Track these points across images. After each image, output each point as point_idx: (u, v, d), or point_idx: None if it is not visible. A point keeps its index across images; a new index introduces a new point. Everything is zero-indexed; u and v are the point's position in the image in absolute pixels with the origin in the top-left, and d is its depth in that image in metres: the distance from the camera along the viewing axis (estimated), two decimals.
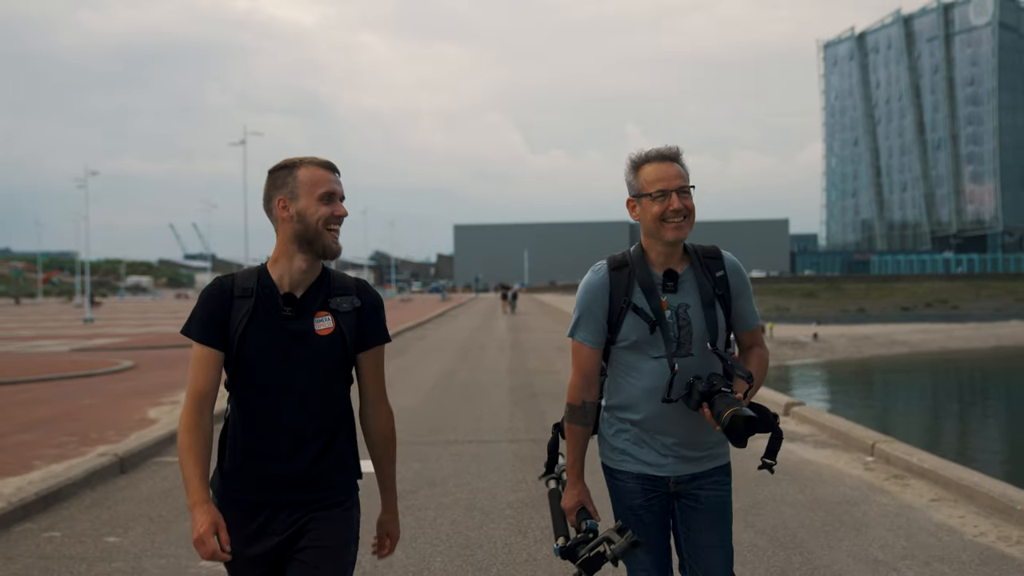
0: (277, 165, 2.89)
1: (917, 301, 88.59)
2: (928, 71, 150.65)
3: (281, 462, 2.80)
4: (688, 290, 3.07)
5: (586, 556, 2.95)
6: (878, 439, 9.06)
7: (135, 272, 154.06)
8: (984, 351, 46.06)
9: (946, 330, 55.37)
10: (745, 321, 3.19)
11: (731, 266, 3.16)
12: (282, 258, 2.85)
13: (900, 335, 50.67)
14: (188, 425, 2.77)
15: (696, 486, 3.12)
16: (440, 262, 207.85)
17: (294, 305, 2.81)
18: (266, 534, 2.80)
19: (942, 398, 31.84)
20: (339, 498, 2.87)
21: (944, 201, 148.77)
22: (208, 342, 2.79)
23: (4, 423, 11.52)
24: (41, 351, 25.71)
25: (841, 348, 44.45)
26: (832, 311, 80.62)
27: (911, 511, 6.86)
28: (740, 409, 2.81)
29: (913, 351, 44.93)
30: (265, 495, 2.81)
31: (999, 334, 53.21)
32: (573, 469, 3.16)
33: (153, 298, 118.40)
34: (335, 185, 2.85)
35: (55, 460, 8.92)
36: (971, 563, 5.60)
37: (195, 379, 2.81)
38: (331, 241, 2.83)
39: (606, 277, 3.11)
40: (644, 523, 3.13)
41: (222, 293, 2.84)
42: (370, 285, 3.00)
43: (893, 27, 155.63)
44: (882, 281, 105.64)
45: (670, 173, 3.03)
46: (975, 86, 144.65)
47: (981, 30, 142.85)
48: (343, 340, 2.86)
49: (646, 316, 3.04)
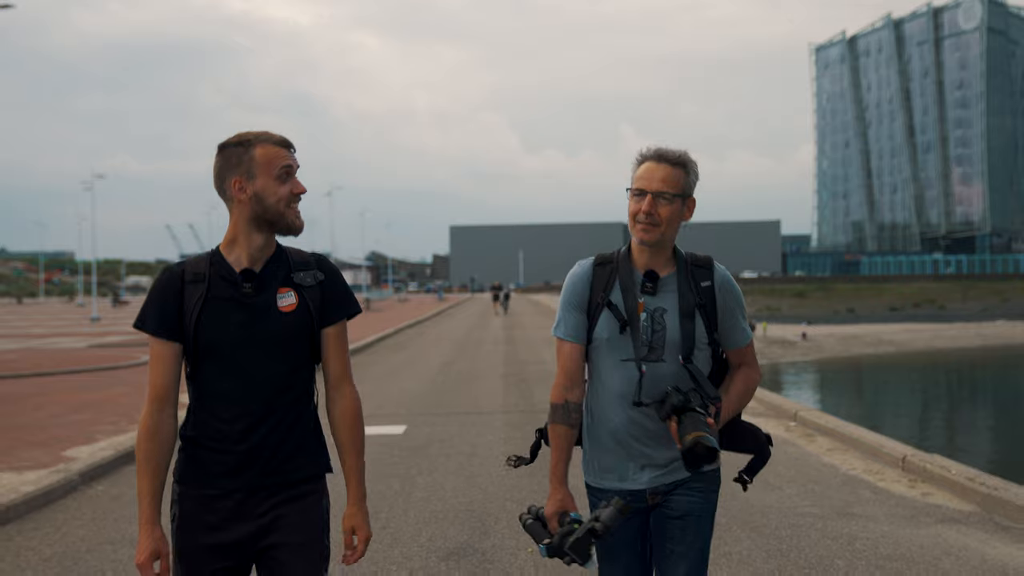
0: (229, 141, 2.76)
1: (905, 301, 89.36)
2: (918, 74, 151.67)
3: (245, 446, 2.68)
4: (668, 295, 3.00)
5: (575, 539, 2.82)
6: (799, 408, 11.40)
7: (134, 272, 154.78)
8: (970, 350, 47.12)
9: (933, 330, 56.40)
10: (733, 338, 3.08)
11: (721, 279, 3.05)
12: (238, 238, 2.75)
13: (887, 334, 51.69)
14: (146, 431, 2.69)
15: (674, 495, 3.03)
16: (436, 262, 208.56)
17: (253, 280, 2.71)
18: (231, 524, 2.69)
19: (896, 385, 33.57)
20: (307, 484, 2.77)
21: (933, 203, 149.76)
22: (163, 335, 2.69)
23: (57, 406, 13.08)
24: (61, 347, 27.07)
25: (829, 347, 45.29)
26: (822, 311, 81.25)
27: (808, 456, 8.98)
28: (705, 437, 2.72)
29: (900, 350, 45.96)
30: (227, 482, 2.69)
31: (984, 333, 54.41)
32: (556, 473, 3.02)
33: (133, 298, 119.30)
34: (291, 161, 2.75)
35: (114, 434, 10.44)
36: (836, 484, 7.70)
37: (153, 376, 2.71)
38: (294, 218, 2.74)
39: (589, 271, 3.08)
40: (621, 542, 3.06)
41: (171, 282, 2.73)
42: (327, 257, 2.92)
43: (883, 31, 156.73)
44: (871, 282, 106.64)
45: (655, 175, 2.96)
46: (964, 89, 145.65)
47: (970, 34, 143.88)
48: (309, 315, 2.76)
49: (619, 315, 2.98)
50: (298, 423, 2.76)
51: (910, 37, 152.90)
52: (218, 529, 2.67)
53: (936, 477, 7.55)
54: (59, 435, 10.40)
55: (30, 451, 9.44)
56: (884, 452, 8.56)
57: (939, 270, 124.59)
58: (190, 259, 2.78)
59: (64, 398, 14.09)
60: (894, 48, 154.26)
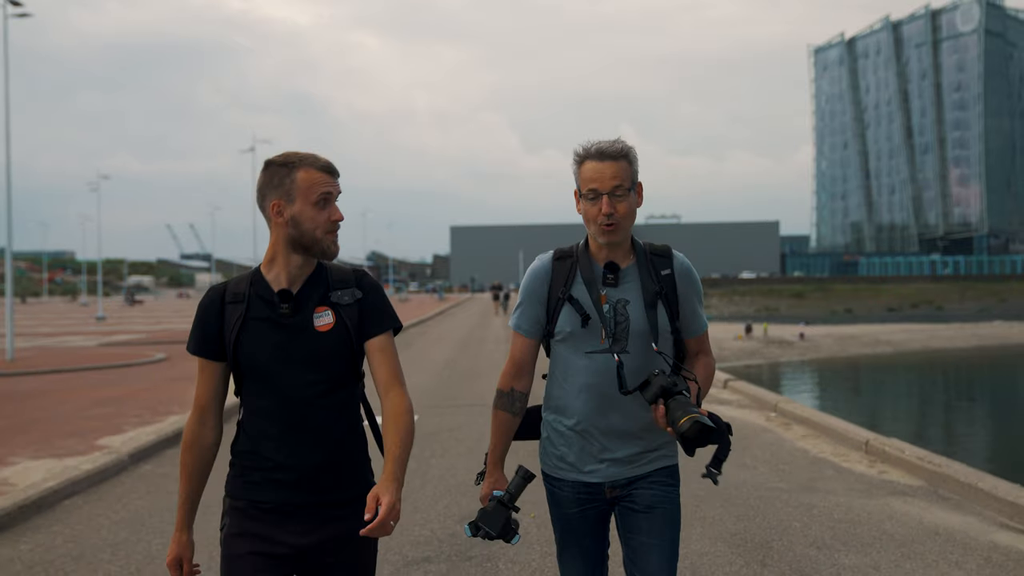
0: (275, 160, 2.78)
1: (903, 302, 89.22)
2: (916, 76, 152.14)
3: (289, 464, 2.74)
4: (629, 286, 3.00)
5: (485, 510, 2.95)
6: (779, 400, 12.17)
7: (136, 272, 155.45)
8: (965, 350, 46.92)
9: (929, 330, 55.86)
10: (692, 327, 3.10)
11: (680, 267, 3.06)
12: (277, 258, 2.78)
13: (884, 335, 51.33)
14: (188, 442, 2.83)
15: (632, 488, 3.04)
16: (436, 262, 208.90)
17: (290, 301, 2.74)
18: (279, 538, 2.74)
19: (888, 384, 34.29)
20: (356, 507, 2.76)
21: (931, 204, 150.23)
22: (204, 354, 2.79)
23: (80, 401, 13.83)
24: (72, 346, 27.77)
25: (826, 347, 45.52)
26: (820, 312, 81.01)
27: (783, 441, 9.85)
28: (700, 417, 2.70)
29: (896, 350, 45.86)
30: (276, 497, 2.74)
31: (980, 334, 53.95)
32: (493, 455, 3.13)
33: (156, 298, 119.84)
34: (332, 188, 2.76)
35: (140, 425, 11.20)
36: (805, 465, 8.61)
37: (197, 390, 2.83)
38: (329, 244, 2.77)
39: (548, 266, 3.09)
40: (577, 532, 3.10)
41: (213, 303, 2.80)
42: (368, 273, 2.94)
43: (882, 33, 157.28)
44: (869, 282, 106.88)
45: (605, 174, 2.92)
46: (962, 91, 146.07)
47: (967, 36, 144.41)
48: (348, 334, 2.79)
49: (580, 308, 2.98)
50: (342, 441, 2.79)
51: (908, 39, 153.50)
52: (265, 540, 2.73)
53: (893, 458, 8.48)
54: (88, 427, 11.16)
55: (64, 441, 10.21)
56: (850, 437, 9.51)
57: (937, 271, 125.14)
58: (233, 279, 2.85)
59: (85, 394, 14.83)
60: (892, 50, 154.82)
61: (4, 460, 9.06)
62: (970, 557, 5.75)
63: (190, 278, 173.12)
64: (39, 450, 9.58)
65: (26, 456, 9.26)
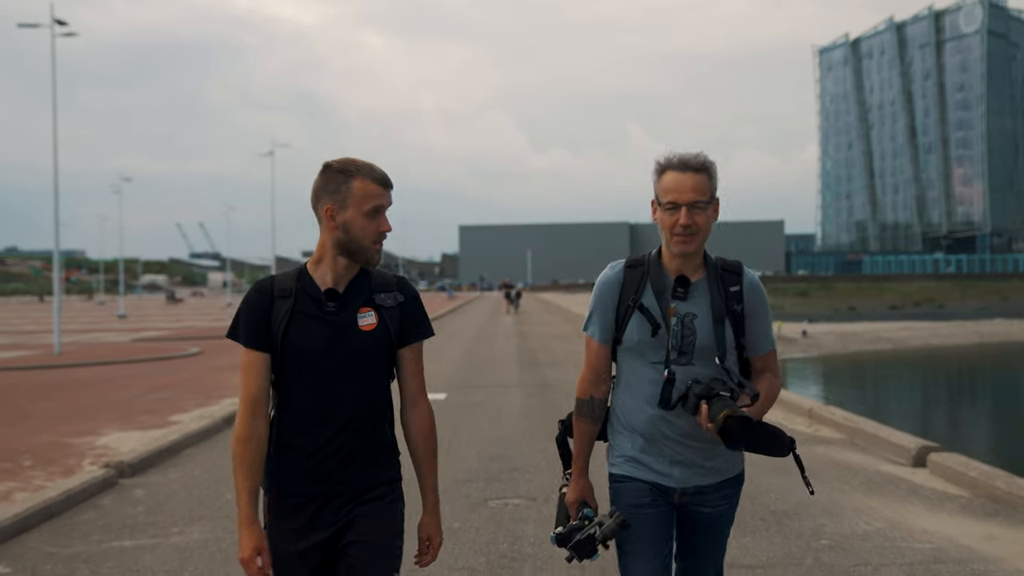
0: (335, 165, 2.88)
1: (906, 300, 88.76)
2: (920, 77, 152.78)
3: (325, 455, 2.85)
4: (698, 300, 3.02)
5: (577, 540, 3.00)
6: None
7: (150, 271, 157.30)
8: (965, 347, 47.76)
9: (931, 328, 56.51)
10: (757, 345, 3.10)
11: (749, 284, 3.08)
12: (325, 258, 2.89)
13: (886, 332, 52.18)
14: (242, 435, 2.84)
15: (700, 501, 3.08)
16: (444, 261, 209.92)
17: (337, 300, 2.86)
18: (314, 528, 2.85)
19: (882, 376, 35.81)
20: (384, 490, 2.92)
21: (935, 203, 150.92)
22: (254, 344, 2.86)
23: (137, 388, 15.45)
24: (108, 341, 29.29)
25: (828, 344, 45.95)
26: (824, 310, 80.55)
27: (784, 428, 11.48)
28: (736, 409, 2.75)
29: (897, 347, 46.73)
30: (311, 488, 2.85)
31: (981, 331, 54.74)
32: (577, 463, 3.15)
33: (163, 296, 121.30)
34: (384, 200, 2.87)
35: (200, 406, 12.81)
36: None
37: (247, 384, 2.87)
38: (374, 253, 2.89)
39: (621, 273, 3.09)
40: (648, 519, 3.07)
41: (262, 297, 2.89)
42: (407, 280, 3.04)
43: (886, 34, 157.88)
44: (873, 281, 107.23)
45: (685, 185, 2.94)
46: (965, 92, 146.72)
47: (971, 37, 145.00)
48: (388, 335, 2.91)
49: (651, 318, 3.00)
50: (375, 435, 2.92)
51: (912, 40, 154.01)
52: (302, 535, 2.84)
53: (827, 420, 10.85)
54: (154, 408, 12.79)
55: (140, 417, 11.86)
56: (797, 405, 11.74)
57: (940, 269, 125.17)
58: (278, 275, 2.96)
59: (139, 382, 16.40)
60: (896, 51, 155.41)
61: (96, 432, 10.71)
62: (857, 479, 8.02)
63: (202, 277, 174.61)
64: (122, 425, 11.20)
65: (114, 429, 10.89)
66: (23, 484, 7.90)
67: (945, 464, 7.84)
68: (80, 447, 9.73)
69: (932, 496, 7.30)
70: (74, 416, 12.08)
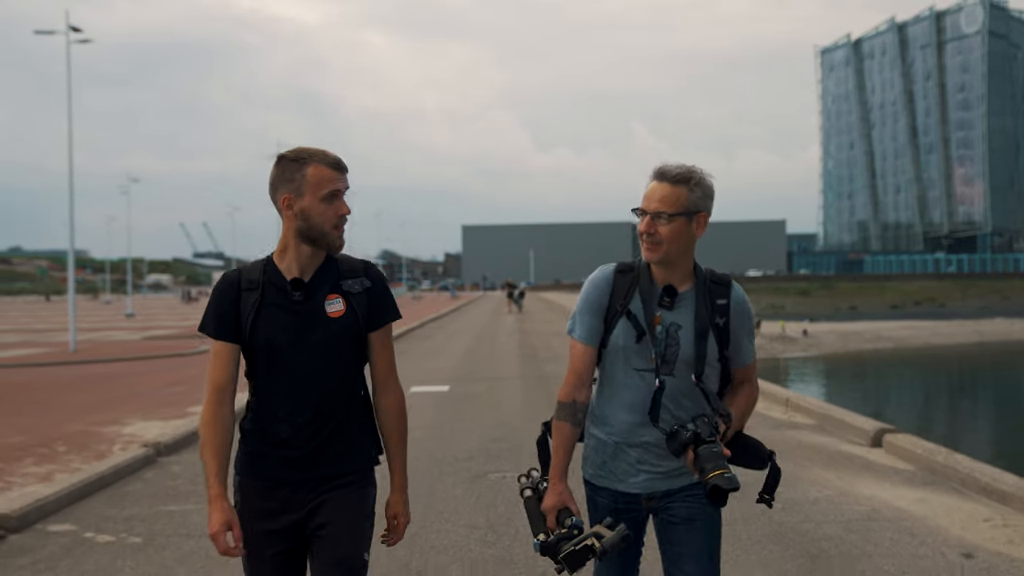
0: (288, 155, 2.90)
1: (907, 299, 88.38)
2: (921, 77, 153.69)
3: (297, 442, 2.89)
4: (684, 311, 3.04)
5: (571, 550, 2.88)
6: None
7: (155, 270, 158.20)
8: (965, 346, 48.39)
9: (931, 327, 56.94)
10: (741, 357, 3.13)
11: (736, 298, 3.10)
12: (288, 248, 2.92)
13: (886, 331, 52.72)
14: (208, 419, 2.90)
15: (669, 501, 3.08)
16: (448, 261, 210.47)
17: (302, 289, 2.89)
18: (285, 511, 2.91)
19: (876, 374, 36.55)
20: (354, 476, 2.96)
21: (936, 203, 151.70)
22: (222, 336, 2.90)
23: (154, 383, 16.20)
24: (119, 339, 30.00)
25: (828, 343, 46.69)
26: (825, 309, 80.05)
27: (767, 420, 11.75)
28: (724, 476, 2.75)
29: (897, 346, 47.36)
30: (283, 473, 2.91)
31: (981, 330, 55.23)
32: (556, 469, 3.08)
33: (175, 296, 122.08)
34: (340, 184, 2.88)
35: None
36: (769, 425, 10.79)
37: (213, 373, 2.92)
38: (335, 238, 2.91)
39: (610, 277, 3.11)
40: None
41: (229, 288, 2.94)
42: (374, 264, 3.07)
43: (888, 34, 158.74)
44: (874, 280, 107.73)
45: (654, 194, 2.98)
46: (966, 92, 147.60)
47: (971, 38, 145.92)
48: (356, 320, 2.94)
49: (637, 324, 3.01)
50: (348, 420, 2.96)
51: (913, 40, 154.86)
52: (274, 516, 2.91)
53: (802, 408, 11.72)
54: (172, 400, 13.54)
55: (160, 409, 12.60)
56: (774, 395, 12.63)
57: (940, 269, 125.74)
58: (245, 266, 3.00)
59: (154, 377, 17.15)
60: (898, 51, 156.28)
61: (121, 422, 11.48)
62: (819, 456, 8.87)
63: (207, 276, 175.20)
64: (145, 416, 11.96)
65: (137, 419, 11.66)
66: (61, 467, 8.67)
67: (898, 444, 8.72)
68: (108, 435, 10.50)
69: (881, 470, 8.15)
70: (97, 408, 12.82)
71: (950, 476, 7.52)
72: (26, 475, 8.27)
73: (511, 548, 5.95)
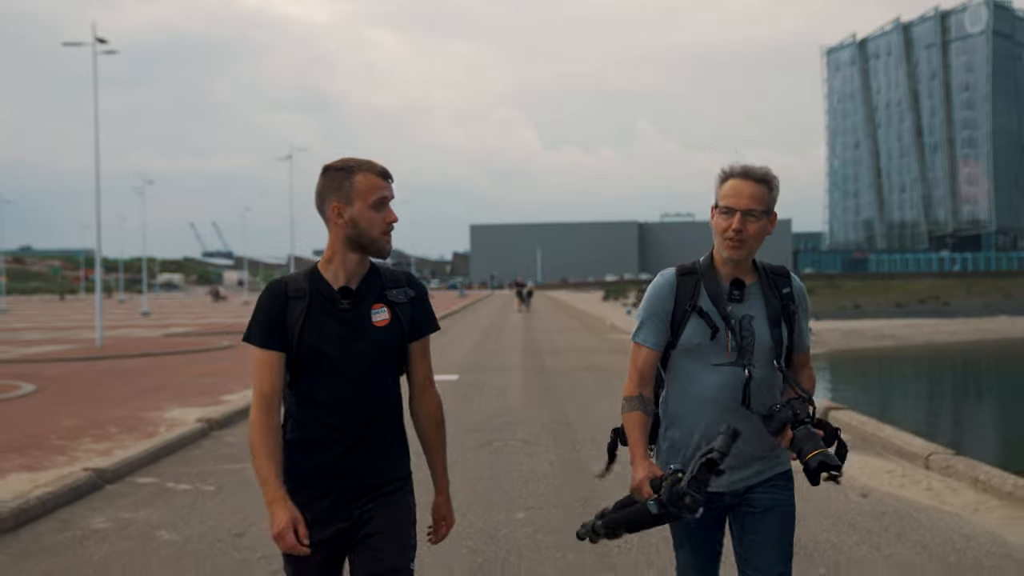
0: (334, 165, 2.94)
1: (911, 298, 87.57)
2: (926, 77, 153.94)
3: (339, 450, 2.92)
4: (753, 303, 3.11)
5: (691, 477, 2.80)
6: None
7: (167, 269, 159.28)
8: (968, 343, 47.92)
9: (934, 324, 56.14)
10: (802, 343, 3.21)
11: (797, 287, 3.20)
12: (335, 257, 2.95)
13: (889, 329, 51.97)
14: (258, 428, 2.90)
15: (749, 493, 3.13)
16: (456, 260, 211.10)
17: (351, 297, 2.93)
18: (331, 520, 2.92)
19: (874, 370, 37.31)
20: (396, 484, 3.01)
21: (941, 202, 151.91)
22: (269, 345, 2.92)
23: (184, 375, 17.21)
24: (141, 336, 31.02)
25: (832, 341, 45.91)
26: (829, 307, 79.19)
27: None
28: (826, 453, 2.82)
29: (900, 344, 46.71)
30: (329, 482, 2.93)
31: (984, 328, 54.55)
32: (637, 449, 3.03)
33: (186, 295, 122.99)
34: (387, 192, 2.93)
35: (243, 389, 14.60)
36: None
37: (260, 382, 2.93)
38: (385, 244, 2.96)
39: (673, 280, 3.15)
40: (695, 532, 3.17)
41: (276, 297, 2.95)
42: (415, 275, 3.11)
43: (893, 34, 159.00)
44: (879, 279, 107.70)
45: (743, 192, 3.03)
46: (970, 92, 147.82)
47: (976, 37, 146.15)
48: (401, 329, 2.99)
49: (710, 321, 3.06)
50: (387, 429, 3.00)
51: (918, 40, 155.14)
52: (315, 526, 2.88)
53: None
54: (205, 390, 14.60)
55: (195, 398, 13.68)
56: None
57: (945, 267, 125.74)
58: (290, 276, 3.01)
59: (182, 370, 18.17)
60: (903, 51, 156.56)
61: (161, 408, 12.58)
62: None
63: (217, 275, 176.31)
64: (181, 403, 13.04)
65: (175, 407, 12.75)
66: (117, 444, 9.80)
67: (840, 418, 10.31)
68: (152, 419, 11.60)
69: None
70: (136, 397, 13.90)
71: (874, 443, 9.28)
72: (88, 451, 9.42)
73: (510, 490, 7.65)
